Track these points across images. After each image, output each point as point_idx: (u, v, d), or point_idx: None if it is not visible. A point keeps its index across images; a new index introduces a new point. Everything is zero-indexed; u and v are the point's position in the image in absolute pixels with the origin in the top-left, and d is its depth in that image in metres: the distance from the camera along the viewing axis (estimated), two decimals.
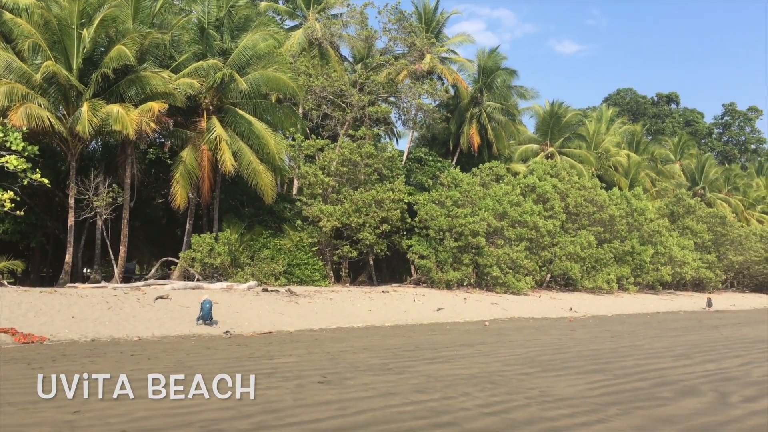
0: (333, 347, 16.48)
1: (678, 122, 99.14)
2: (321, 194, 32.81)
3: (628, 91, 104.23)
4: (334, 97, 35.53)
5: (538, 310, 30.36)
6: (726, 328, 26.50)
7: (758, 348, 19.59)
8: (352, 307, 25.25)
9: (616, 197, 45.41)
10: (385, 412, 9.69)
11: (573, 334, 22.13)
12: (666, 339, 21.40)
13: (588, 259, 40.37)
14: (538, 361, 15.24)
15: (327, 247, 33.26)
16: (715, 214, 57.58)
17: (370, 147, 33.47)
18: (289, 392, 10.82)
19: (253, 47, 29.35)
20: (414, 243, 35.04)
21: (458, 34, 46.54)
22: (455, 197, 35.29)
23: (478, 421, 9.35)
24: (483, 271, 35.27)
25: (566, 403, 10.66)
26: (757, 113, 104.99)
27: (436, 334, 20.67)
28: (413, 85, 38.43)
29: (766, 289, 62.36)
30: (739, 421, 9.78)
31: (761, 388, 12.61)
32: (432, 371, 13.28)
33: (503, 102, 45.71)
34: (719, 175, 72.87)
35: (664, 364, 15.35)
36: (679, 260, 46.74)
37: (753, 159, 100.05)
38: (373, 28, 38.91)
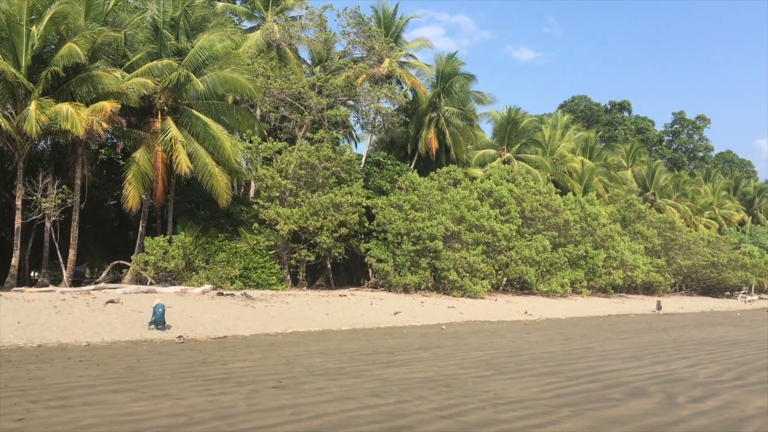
0: (289, 351, 16.32)
1: (630, 130, 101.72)
2: (278, 197, 32.53)
3: (583, 99, 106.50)
4: (292, 99, 35.30)
5: (494, 314, 30.67)
6: (674, 331, 27.22)
7: (704, 350, 20.18)
8: (309, 311, 25.07)
9: (570, 202, 46.29)
10: (340, 416, 9.63)
11: (528, 337, 22.41)
12: (617, 341, 21.85)
13: (543, 263, 41.02)
14: (493, 363, 15.38)
15: (284, 250, 32.98)
16: (665, 219, 59.23)
17: (329, 150, 33.35)
18: (242, 397, 10.66)
19: (210, 48, 28.94)
20: (372, 247, 35.04)
21: (417, 39, 46.85)
22: (413, 201, 35.44)
23: (432, 424, 9.37)
24: (440, 274, 35.49)
25: (520, 405, 10.78)
26: (705, 122, 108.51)
27: (393, 337, 20.68)
28: (372, 89, 38.46)
29: (712, 292, 64.36)
30: (685, 422, 10.03)
31: (707, 389, 12.97)
32: (388, 375, 13.27)
33: (461, 107, 46.15)
34: (669, 181, 75.04)
35: (615, 366, 15.67)
36: (630, 264, 47.87)
37: (701, 166, 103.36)
38: (332, 31, 38.85)
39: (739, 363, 17.12)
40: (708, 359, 17.71)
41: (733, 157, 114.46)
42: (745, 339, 24.47)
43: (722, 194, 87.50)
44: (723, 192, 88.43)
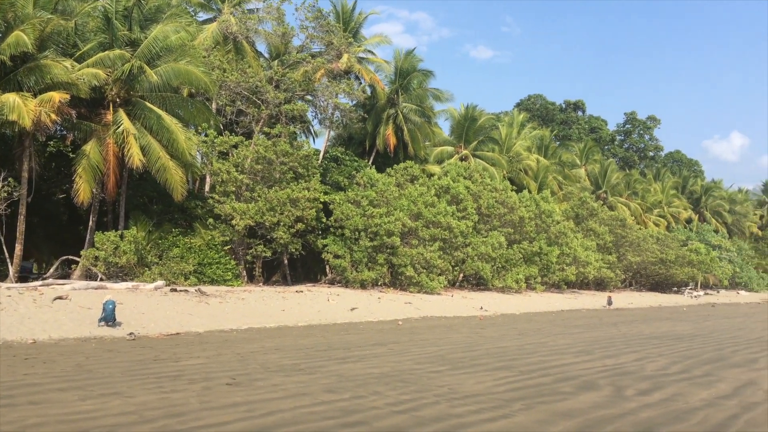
0: (243, 348, 16.15)
1: (584, 129, 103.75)
2: (234, 192, 32.11)
3: (539, 98, 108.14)
4: (249, 93, 34.85)
5: (451, 309, 30.94)
6: (624, 325, 27.92)
7: (652, 344, 20.76)
8: (265, 307, 24.85)
9: (525, 199, 46.99)
10: (295, 413, 9.58)
11: (483, 332, 22.69)
12: (569, 336, 22.30)
13: (498, 259, 41.55)
14: (449, 359, 15.52)
15: (240, 246, 32.60)
16: (616, 217, 60.63)
17: (286, 145, 33.08)
18: (195, 395, 10.51)
19: (164, 39, 28.32)
20: (329, 242, 34.93)
21: (376, 35, 46.80)
22: (371, 197, 35.44)
23: (387, 419, 9.40)
24: (397, 270, 35.61)
25: (473, 399, 10.90)
26: (655, 122, 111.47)
27: (350, 333, 20.67)
28: (330, 84, 38.26)
29: (661, 288, 66.24)
30: (633, 414, 10.31)
31: (654, 382, 13.35)
32: (344, 371, 13.26)
33: (419, 104, 46.31)
34: (620, 180, 76.79)
35: (567, 360, 15.99)
36: (582, 261, 48.86)
37: (651, 165, 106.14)
38: (290, 25, 38.40)
39: (685, 356, 17.68)
40: (655, 353, 18.22)
41: (681, 157, 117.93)
42: (690, 333, 25.28)
43: (671, 193, 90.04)
44: (672, 191, 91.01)
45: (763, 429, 9.65)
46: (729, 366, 16.11)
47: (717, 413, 10.55)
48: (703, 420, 10.06)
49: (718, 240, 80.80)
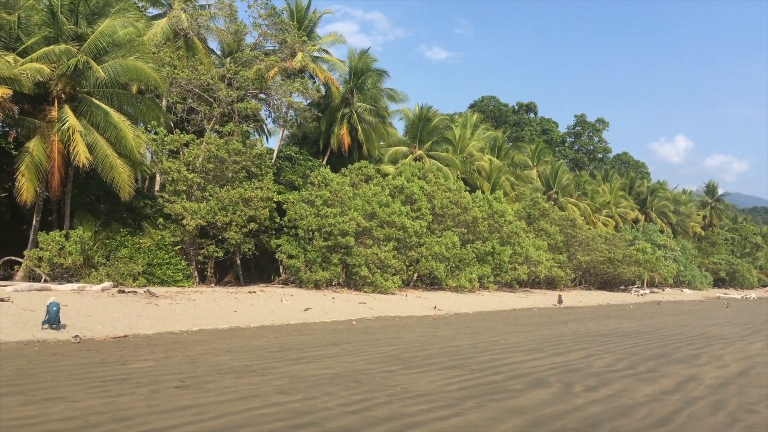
0: (194, 350, 15.86)
1: (536, 130, 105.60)
2: (185, 191, 31.50)
3: (492, 99, 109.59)
4: (200, 90, 34.26)
5: (405, 309, 31.04)
6: (573, 323, 28.51)
7: (600, 341, 21.26)
8: (217, 308, 24.47)
9: (479, 200, 47.50)
10: (245, 415, 9.45)
11: (436, 331, 22.83)
12: (520, 334, 22.64)
13: (452, 259, 41.89)
14: (402, 358, 15.56)
15: (191, 246, 32.00)
16: (567, 217, 61.90)
17: (239, 144, 32.63)
18: (142, 399, 10.26)
19: (112, 34, 27.59)
20: (283, 242, 34.63)
21: (330, 34, 46.55)
22: (325, 197, 35.28)
23: (339, 420, 9.37)
24: (352, 270, 35.55)
25: (425, 398, 10.96)
26: (604, 125, 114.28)
27: (303, 334, 20.52)
28: (284, 83, 37.90)
29: (609, 286, 67.91)
30: (580, 410, 10.52)
31: (601, 378, 13.67)
32: (296, 372, 13.15)
33: (374, 103, 46.32)
34: (571, 181, 78.42)
35: (518, 358, 16.22)
36: (534, 260, 49.68)
37: (600, 167, 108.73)
38: (243, 23, 37.88)
39: (631, 353, 18.16)
40: (603, 350, 18.66)
41: (629, 159, 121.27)
42: (636, 330, 25.97)
43: (619, 194, 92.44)
44: (619, 191, 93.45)
45: (704, 422, 9.97)
46: (672, 362, 16.61)
47: (660, 408, 10.86)
48: (647, 415, 10.34)
49: (664, 240, 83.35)
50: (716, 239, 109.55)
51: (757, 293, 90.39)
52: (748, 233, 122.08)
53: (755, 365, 16.53)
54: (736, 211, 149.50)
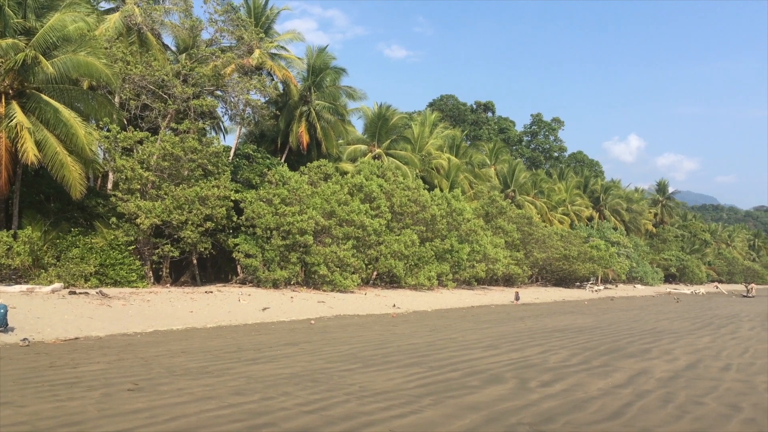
0: (147, 352, 15.54)
1: (493, 129, 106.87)
2: (139, 190, 30.85)
3: (451, 98, 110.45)
4: (155, 87, 33.57)
5: (364, 308, 31.03)
6: (530, 320, 28.93)
7: (556, 337, 21.63)
8: (172, 309, 24.03)
9: (437, 198, 47.80)
10: (200, 417, 9.30)
11: (395, 329, 22.88)
12: (478, 331, 22.87)
13: (411, 257, 42.07)
14: (360, 357, 15.55)
15: (145, 245, 31.37)
16: (524, 215, 62.81)
17: (194, 141, 32.10)
18: (93, 402, 10.00)
19: (62, 29, 26.82)
20: (240, 241, 34.22)
21: (289, 31, 46.22)
22: (283, 195, 35.00)
23: (296, 420, 9.30)
24: (311, 269, 35.37)
25: (384, 396, 10.96)
26: (559, 124, 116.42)
27: (261, 334, 20.32)
28: (241, 80, 37.43)
29: (565, 283, 69.17)
30: (535, 405, 10.68)
31: (556, 373, 13.90)
32: (253, 372, 13.01)
33: (332, 101, 46.17)
34: (527, 179, 79.63)
35: (475, 355, 16.38)
36: (492, 258, 50.25)
37: (556, 165, 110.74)
38: (199, 18, 37.28)
39: (585, 348, 18.52)
40: (558, 345, 18.98)
41: (583, 158, 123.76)
42: (591, 326, 26.51)
43: (574, 192, 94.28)
44: (575, 190, 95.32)
45: (654, 415, 10.23)
46: (624, 356, 17.00)
47: (613, 401, 11.10)
48: (600, 408, 10.55)
49: (617, 237, 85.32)
50: (667, 236, 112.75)
51: (706, 288, 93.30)
52: (697, 230, 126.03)
53: (703, 359, 17.05)
54: (686, 209, 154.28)
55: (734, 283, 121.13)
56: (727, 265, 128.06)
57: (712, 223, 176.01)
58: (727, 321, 31.46)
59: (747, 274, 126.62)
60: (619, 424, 9.57)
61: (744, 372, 14.81)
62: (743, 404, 11.18)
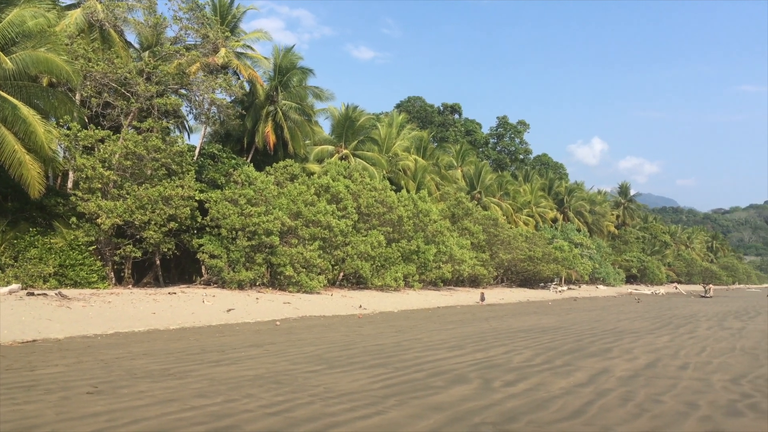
0: (108, 354, 15.24)
1: (460, 131, 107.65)
2: (100, 189, 30.27)
3: (418, 100, 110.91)
4: (117, 85, 32.97)
5: (330, 308, 30.95)
6: (495, 320, 29.20)
7: (520, 337, 21.87)
8: (134, 311, 23.62)
9: (404, 199, 47.94)
10: (161, 420, 9.16)
11: (361, 330, 22.86)
12: (444, 332, 22.99)
13: (378, 258, 42.11)
14: (326, 358, 15.49)
15: (107, 246, 30.79)
16: (489, 216, 63.43)
17: (158, 140, 31.61)
18: (51, 406, 9.77)
19: (21, 24, 26.17)
20: (205, 242, 33.82)
21: (255, 30, 45.88)
22: (249, 195, 34.70)
23: (259, 422, 9.22)
24: (276, 270, 35.14)
25: (348, 397, 10.94)
26: (525, 127, 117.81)
27: (225, 335, 20.10)
28: (206, 79, 36.98)
29: (529, 284, 70.05)
30: (499, 404, 10.78)
31: (519, 373, 14.05)
32: (216, 374, 12.86)
33: (299, 102, 45.97)
34: (493, 181, 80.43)
35: (440, 356, 16.46)
36: (458, 259, 50.61)
37: (521, 168, 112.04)
38: (163, 16, 36.75)
39: (548, 348, 18.76)
40: (522, 345, 19.20)
41: (548, 160, 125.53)
42: (554, 326, 26.87)
43: (539, 194, 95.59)
44: (539, 192, 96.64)
45: (614, 413, 10.41)
46: (586, 356, 17.27)
47: (574, 400, 11.26)
48: (562, 407, 10.70)
49: (580, 238, 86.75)
50: (629, 238, 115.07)
51: (666, 289, 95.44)
52: (657, 232, 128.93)
53: (662, 357, 17.42)
54: (647, 211, 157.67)
55: (693, 283, 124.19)
56: (686, 266, 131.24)
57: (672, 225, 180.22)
58: (686, 321, 32.22)
59: (705, 275, 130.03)
60: (580, 423, 9.72)
61: (701, 370, 15.18)
62: (700, 402, 11.46)
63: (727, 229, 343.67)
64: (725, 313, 39.68)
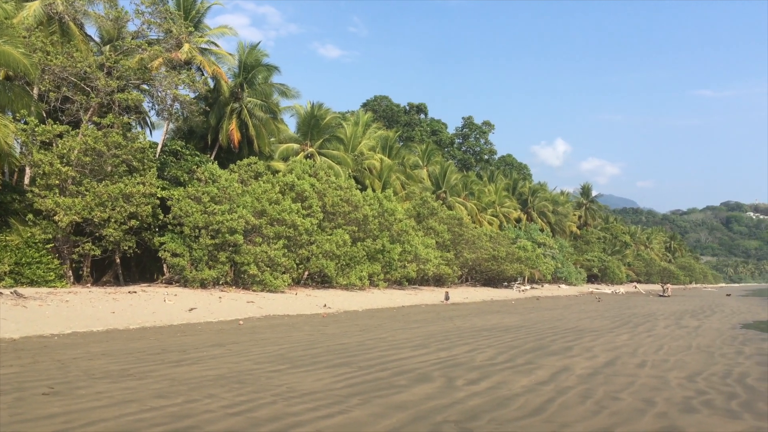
0: (65, 354, 14.89)
1: (426, 131, 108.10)
2: (58, 185, 29.56)
3: (384, 99, 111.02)
4: (76, 79, 32.22)
5: (294, 307, 30.78)
6: (459, 319, 29.41)
7: (483, 335, 22.07)
8: (92, 310, 23.12)
9: (369, 198, 47.96)
10: (119, 421, 8.98)
11: (325, 329, 22.79)
12: (408, 331, 23.06)
13: (343, 257, 42.03)
14: (289, 357, 15.40)
15: (65, 244, 30.08)
16: (454, 216, 63.87)
17: (119, 136, 31.01)
18: (5, 407, 9.50)
19: None
20: (167, 240, 33.31)
21: (220, 26, 45.19)
22: (213, 193, 34.30)
23: (221, 422, 9.12)
24: (240, 269, 34.79)
25: (311, 397, 10.90)
26: (490, 127, 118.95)
27: (187, 335, 19.83)
28: (169, 74, 36.38)
29: (493, 283, 70.76)
30: (461, 402, 10.86)
31: (482, 371, 14.18)
32: (177, 374, 12.67)
33: (265, 99, 45.55)
34: (458, 181, 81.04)
35: (404, 354, 16.50)
36: (423, 258, 50.83)
37: (486, 168, 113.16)
38: (124, 9, 36.02)
39: (511, 347, 18.98)
40: (485, 344, 19.37)
41: (512, 161, 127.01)
42: (516, 325, 27.19)
43: (503, 194, 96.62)
44: (504, 192, 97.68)
45: (574, 410, 10.58)
46: (548, 354, 17.52)
47: (535, 398, 11.41)
48: (523, 405, 10.83)
49: (543, 238, 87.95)
50: (590, 238, 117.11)
51: (626, 288, 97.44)
52: (618, 232, 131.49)
53: (621, 355, 17.76)
54: (608, 212, 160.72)
55: (651, 283, 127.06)
56: (645, 265, 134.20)
57: (632, 225, 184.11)
58: (644, 319, 32.92)
59: (663, 274, 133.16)
60: (540, 420, 9.85)
61: (658, 368, 15.53)
62: (657, 399, 11.72)
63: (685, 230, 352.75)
64: (682, 312, 40.68)
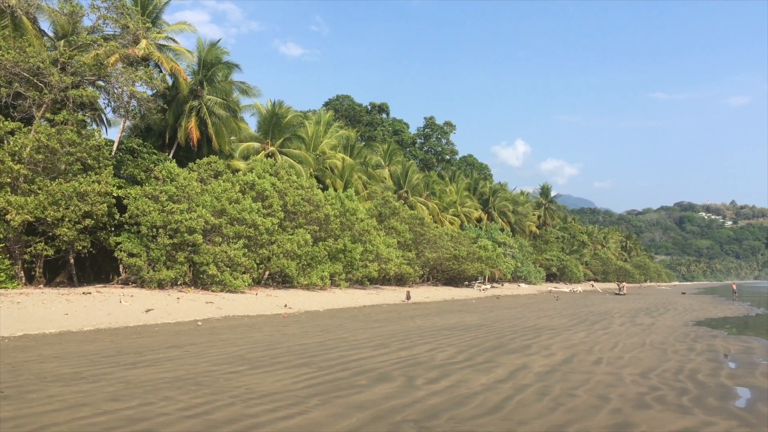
0: (16, 357, 14.45)
1: (388, 131, 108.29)
2: (9, 184, 28.68)
3: (346, 98, 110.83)
4: (29, 74, 31.31)
5: (254, 308, 30.48)
6: (420, 318, 29.52)
7: (443, 335, 22.20)
8: (45, 311, 22.50)
9: (331, 197, 47.83)
10: (72, 425, 8.75)
11: (285, 329, 22.62)
12: (369, 330, 23.05)
13: (304, 256, 41.80)
14: (248, 358, 15.23)
15: (16, 244, 29.21)
16: (416, 215, 64.14)
17: (73, 134, 30.26)
18: None
19: None
20: (123, 240, 32.64)
21: (179, 22, 44.44)
22: (171, 192, 33.73)
23: (177, 425, 8.96)
24: (199, 269, 34.30)
25: (270, 398, 10.80)
26: (451, 128, 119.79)
27: (143, 336, 19.44)
28: (126, 71, 35.64)
29: (454, 282, 71.31)
30: (421, 401, 10.90)
31: (442, 370, 14.26)
32: (132, 377, 12.41)
33: (225, 97, 45.00)
34: (420, 180, 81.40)
35: (365, 354, 16.49)
36: (384, 257, 50.93)
37: (447, 168, 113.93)
38: (79, 3, 35.13)
39: (471, 345, 19.13)
40: (445, 343, 19.49)
41: (473, 161, 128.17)
42: (477, 324, 27.43)
43: (464, 194, 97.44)
44: (465, 192, 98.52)
45: (531, 408, 10.72)
46: (507, 352, 17.72)
47: (494, 396, 11.53)
48: (482, 403, 10.93)
49: (503, 238, 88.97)
50: (549, 237, 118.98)
51: (583, 287, 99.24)
52: (576, 232, 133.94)
53: (577, 353, 18.07)
54: (567, 212, 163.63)
55: (608, 281, 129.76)
56: (602, 264, 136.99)
57: (589, 225, 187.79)
58: (601, 317, 33.57)
59: (619, 273, 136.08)
60: (499, 418, 9.95)
61: (613, 365, 15.84)
62: (611, 395, 11.95)
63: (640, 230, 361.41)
64: (637, 310, 41.61)
